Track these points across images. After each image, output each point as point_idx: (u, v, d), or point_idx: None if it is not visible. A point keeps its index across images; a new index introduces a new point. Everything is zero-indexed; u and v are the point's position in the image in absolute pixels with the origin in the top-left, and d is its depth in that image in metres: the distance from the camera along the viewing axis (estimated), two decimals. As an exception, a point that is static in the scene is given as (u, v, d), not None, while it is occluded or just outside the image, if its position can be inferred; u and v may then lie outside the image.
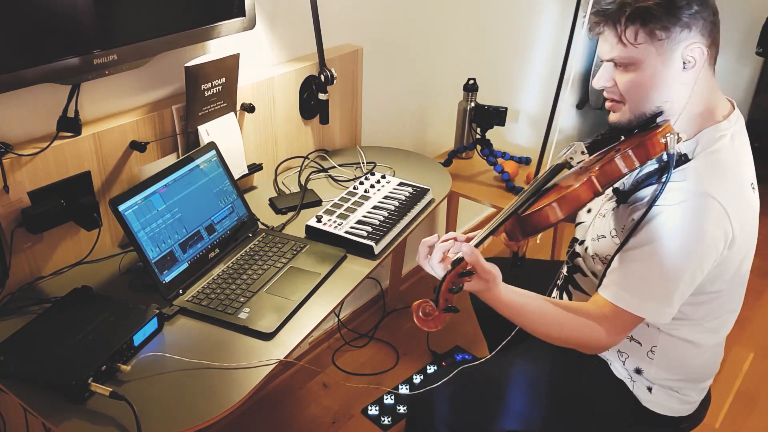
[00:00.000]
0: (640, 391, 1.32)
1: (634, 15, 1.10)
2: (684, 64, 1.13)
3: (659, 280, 1.13)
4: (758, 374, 2.27)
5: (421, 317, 1.13)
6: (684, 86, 1.15)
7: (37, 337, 1.16)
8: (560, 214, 1.14)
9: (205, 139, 1.52)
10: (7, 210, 1.25)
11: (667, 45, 1.12)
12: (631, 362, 1.31)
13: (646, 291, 1.14)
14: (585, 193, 1.14)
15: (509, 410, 1.37)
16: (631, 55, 1.13)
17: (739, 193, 1.14)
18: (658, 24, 1.10)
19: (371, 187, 1.69)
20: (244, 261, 1.42)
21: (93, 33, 1.25)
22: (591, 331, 1.18)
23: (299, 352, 2.26)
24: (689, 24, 1.10)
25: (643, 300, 1.14)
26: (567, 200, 1.14)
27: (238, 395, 1.09)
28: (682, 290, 1.15)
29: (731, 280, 1.21)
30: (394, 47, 2.15)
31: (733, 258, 1.17)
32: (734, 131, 1.18)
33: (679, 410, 1.34)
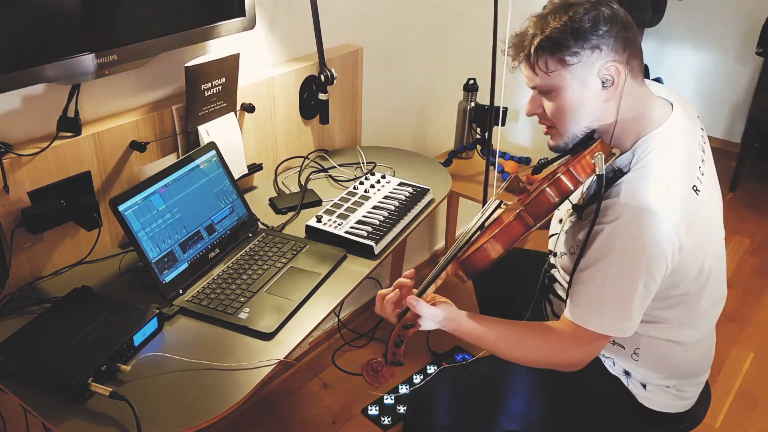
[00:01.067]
0: (635, 387, 1.32)
1: (541, 46, 1.13)
2: (603, 83, 1.14)
3: (613, 298, 1.14)
4: (758, 374, 2.27)
5: (371, 374, 1.19)
6: (608, 103, 1.16)
7: (37, 337, 1.16)
8: (500, 248, 1.16)
9: (205, 139, 1.52)
10: (7, 210, 1.25)
11: (580, 68, 1.13)
12: (619, 364, 1.32)
13: (603, 309, 1.15)
14: (517, 228, 1.15)
15: (508, 410, 1.37)
16: (548, 82, 1.16)
17: (678, 198, 1.13)
18: (567, 51, 1.12)
19: (371, 187, 1.69)
20: (244, 261, 1.42)
21: (93, 33, 1.25)
22: (560, 350, 1.20)
23: (299, 352, 2.26)
24: (599, 45, 1.11)
25: (602, 318, 1.15)
26: (501, 237, 1.16)
27: (238, 395, 1.09)
28: (638, 302, 1.15)
29: (695, 281, 1.20)
30: (394, 47, 2.15)
31: (688, 261, 1.16)
32: (666, 136, 1.17)
33: (676, 406, 1.34)
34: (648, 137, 1.17)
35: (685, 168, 1.17)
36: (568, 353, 1.19)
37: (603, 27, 1.11)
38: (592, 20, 1.11)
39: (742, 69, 3.63)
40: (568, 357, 1.20)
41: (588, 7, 1.12)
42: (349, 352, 2.32)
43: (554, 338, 1.20)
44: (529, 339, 1.21)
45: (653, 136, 1.17)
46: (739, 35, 3.51)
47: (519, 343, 1.22)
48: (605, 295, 1.14)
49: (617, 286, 1.13)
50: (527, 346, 1.21)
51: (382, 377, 1.20)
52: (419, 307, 1.17)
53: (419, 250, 2.73)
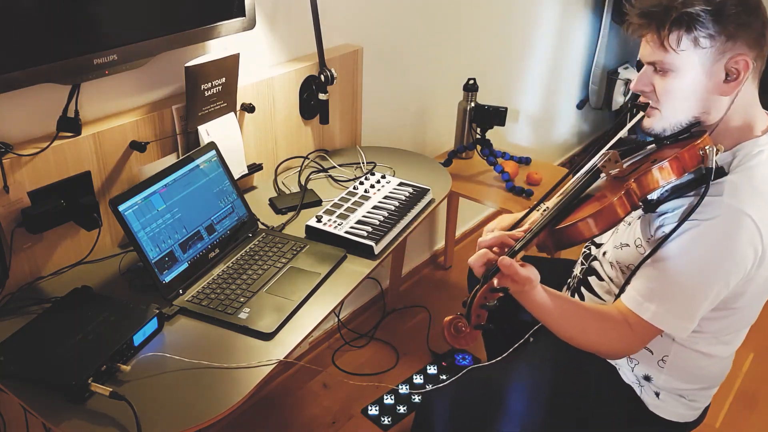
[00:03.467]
0: (648, 396, 1.31)
1: (679, 20, 1.06)
2: (727, 75, 1.09)
3: (685, 295, 1.11)
4: (758, 374, 2.27)
5: (453, 333, 1.10)
6: (724, 98, 1.11)
7: (37, 337, 1.16)
8: (596, 229, 1.11)
9: (205, 139, 1.52)
10: (7, 210, 1.25)
11: (711, 54, 1.08)
12: (641, 369, 1.30)
13: (671, 305, 1.12)
14: (622, 207, 1.10)
15: (511, 415, 1.36)
16: (672, 61, 1.10)
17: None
18: (703, 32, 1.06)
19: (371, 187, 1.69)
20: (244, 261, 1.42)
21: (93, 33, 1.25)
22: (612, 338, 1.17)
23: (299, 352, 2.26)
24: (736, 34, 1.06)
25: (667, 313, 1.12)
26: (603, 215, 1.10)
27: (238, 395, 1.09)
28: (705, 306, 1.13)
29: (752, 295, 1.19)
30: (394, 47, 2.15)
31: (760, 276, 1.14)
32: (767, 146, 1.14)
33: (685, 416, 1.33)
34: (754, 142, 1.13)
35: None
36: (619, 340, 1.16)
37: (745, 17, 1.05)
38: (737, 6, 1.05)
39: (742, 69, 3.63)
40: (618, 344, 1.17)
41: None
42: (349, 352, 2.32)
43: (609, 324, 1.16)
44: (587, 321, 1.18)
45: (759, 143, 1.13)
46: (739, 35, 3.51)
47: (580, 324, 1.18)
48: (678, 290, 1.11)
49: (694, 285, 1.10)
50: (585, 329, 1.18)
51: (464, 339, 1.10)
52: (515, 270, 1.08)
53: (419, 250, 2.73)
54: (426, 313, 2.52)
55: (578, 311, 1.19)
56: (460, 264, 2.83)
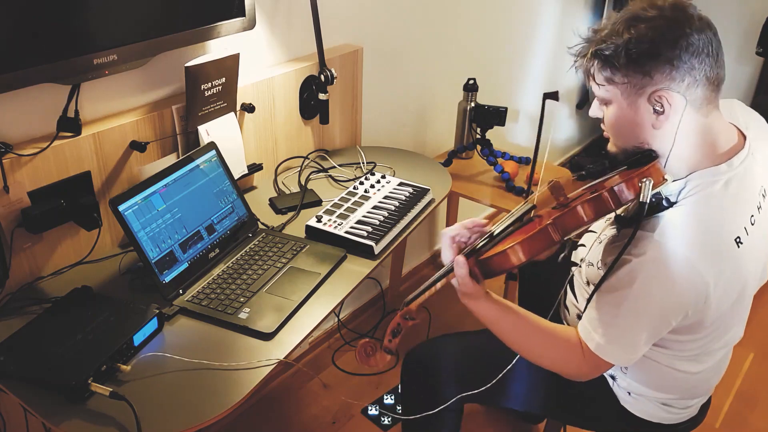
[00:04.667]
0: (620, 390, 1.32)
1: (594, 57, 1.09)
2: (654, 110, 1.08)
3: (622, 330, 1.11)
4: (758, 374, 2.27)
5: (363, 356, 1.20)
6: (660, 131, 1.09)
7: (37, 337, 1.16)
8: (519, 258, 1.10)
9: (205, 139, 1.52)
10: (7, 210, 1.25)
11: (629, 90, 1.08)
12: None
13: (611, 337, 1.11)
14: (542, 241, 1.09)
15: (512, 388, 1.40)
16: (602, 94, 1.13)
17: (717, 250, 1.06)
18: (616, 71, 1.07)
19: (371, 187, 1.69)
20: (244, 261, 1.42)
21: (93, 33, 1.25)
22: (565, 359, 1.18)
23: (299, 352, 2.26)
24: (650, 72, 1.04)
25: (608, 345, 1.11)
26: (525, 246, 1.10)
27: (238, 395, 1.09)
28: (646, 339, 1.12)
29: (714, 328, 1.17)
30: (394, 47, 2.15)
31: (710, 312, 1.11)
32: (732, 176, 1.09)
33: (661, 417, 1.32)
34: (710, 171, 1.09)
35: (731, 217, 1.08)
36: (571, 364, 1.17)
37: (665, 52, 1.03)
38: (653, 42, 1.03)
39: (742, 69, 3.63)
40: (571, 368, 1.18)
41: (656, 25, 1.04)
42: (349, 352, 2.32)
43: (562, 346, 1.18)
44: (539, 338, 1.19)
45: (714, 172, 1.09)
46: (739, 35, 3.51)
47: (528, 340, 1.20)
48: (617, 324, 1.11)
49: (629, 320, 1.10)
50: (535, 344, 1.20)
51: (373, 360, 1.21)
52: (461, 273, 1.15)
53: (419, 250, 2.73)
54: (426, 313, 2.52)
55: (532, 327, 1.20)
56: (460, 264, 2.83)
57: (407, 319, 1.20)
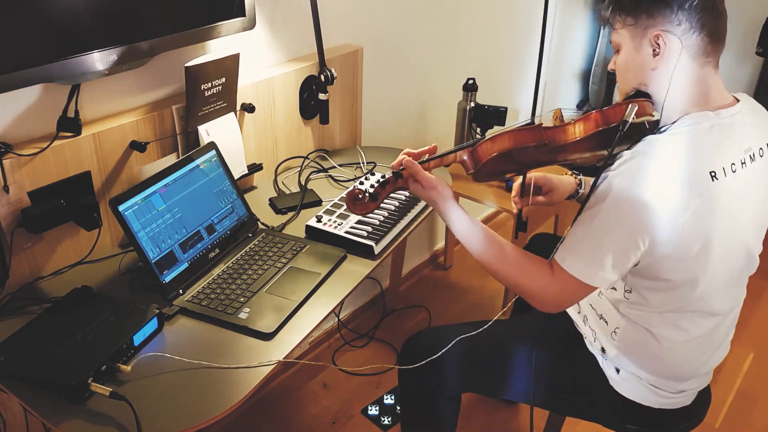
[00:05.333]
0: (610, 369, 1.34)
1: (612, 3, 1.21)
2: (653, 50, 1.17)
3: (589, 241, 1.16)
4: (758, 374, 2.27)
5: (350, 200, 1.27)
6: (656, 71, 1.18)
7: (37, 337, 1.16)
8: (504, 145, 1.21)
9: (205, 139, 1.52)
10: (7, 210, 1.25)
11: (635, 30, 1.18)
12: (599, 340, 1.35)
13: (578, 250, 1.18)
14: (529, 136, 1.21)
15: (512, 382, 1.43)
16: (616, 39, 1.23)
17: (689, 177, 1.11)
18: (625, 11, 1.18)
19: (371, 187, 1.69)
20: (244, 261, 1.42)
21: (93, 33, 1.25)
22: (533, 277, 1.23)
23: (299, 352, 2.25)
24: (653, 13, 1.15)
25: (575, 258, 1.17)
26: (511, 135, 1.21)
27: (238, 395, 1.09)
28: (613, 255, 1.14)
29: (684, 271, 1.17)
30: (394, 47, 2.15)
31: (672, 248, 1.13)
32: (718, 123, 1.16)
33: (651, 400, 1.32)
34: (693, 115, 1.17)
35: (709, 153, 1.14)
36: (540, 282, 1.22)
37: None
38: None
39: (742, 69, 3.63)
40: (539, 286, 1.22)
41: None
42: (349, 352, 2.32)
43: (532, 264, 1.24)
44: (511, 253, 1.25)
45: (698, 116, 1.16)
46: (739, 35, 3.51)
47: (500, 252, 1.26)
48: (585, 237, 1.17)
49: (597, 231, 1.15)
50: (507, 258, 1.25)
51: (358, 206, 1.27)
52: (414, 168, 1.25)
53: (419, 250, 2.73)
54: (426, 313, 2.52)
55: (503, 243, 1.26)
56: (460, 264, 2.83)
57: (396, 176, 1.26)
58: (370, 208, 1.28)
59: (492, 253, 1.26)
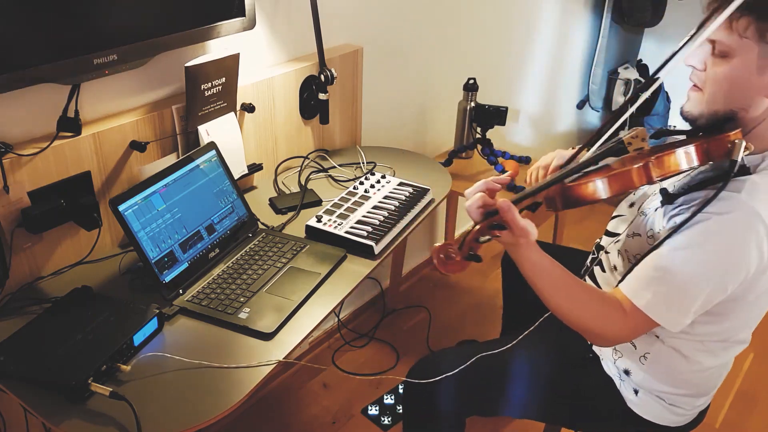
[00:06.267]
0: (627, 391, 1.32)
1: (752, 7, 1.03)
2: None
3: (684, 288, 1.10)
4: (758, 374, 2.27)
5: (442, 258, 1.10)
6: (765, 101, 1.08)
7: (37, 337, 1.16)
8: (605, 192, 1.10)
9: (205, 139, 1.52)
10: (7, 210, 1.25)
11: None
12: (623, 362, 1.31)
13: (666, 295, 1.11)
14: (637, 177, 1.08)
15: (510, 398, 1.39)
16: (732, 45, 1.06)
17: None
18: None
19: (371, 187, 1.69)
20: (244, 261, 1.42)
21: (92, 33, 1.25)
22: (606, 320, 1.15)
23: (299, 352, 2.26)
24: None
25: (660, 303, 1.11)
26: (617, 179, 1.09)
27: (238, 395, 1.09)
28: (702, 303, 1.11)
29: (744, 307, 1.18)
30: (394, 47, 2.15)
31: (757, 285, 1.12)
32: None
33: (667, 419, 1.32)
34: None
35: None
36: (612, 324, 1.15)
37: None
38: None
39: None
40: (611, 328, 1.15)
41: None
42: (349, 352, 2.32)
43: (605, 306, 1.15)
44: (583, 294, 1.16)
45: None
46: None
47: (572, 293, 1.16)
48: (676, 283, 1.09)
49: (692, 279, 1.09)
50: (579, 299, 1.16)
51: (452, 266, 1.11)
52: (512, 214, 1.09)
53: (419, 250, 2.73)
54: (426, 313, 2.52)
55: (575, 283, 1.17)
56: (460, 264, 2.83)
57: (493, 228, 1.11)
58: (464, 267, 1.11)
59: (564, 295, 1.17)
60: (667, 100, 3.79)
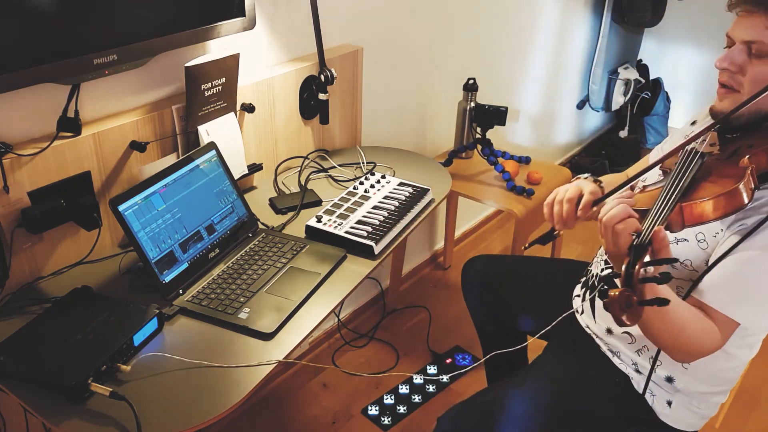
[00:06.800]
0: (660, 405, 1.30)
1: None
2: None
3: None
4: (758, 374, 2.27)
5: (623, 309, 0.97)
6: None
7: (37, 337, 1.16)
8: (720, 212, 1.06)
9: (205, 139, 1.52)
10: (7, 210, 1.25)
11: None
12: (664, 370, 1.28)
13: (758, 299, 1.08)
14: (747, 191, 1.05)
15: None
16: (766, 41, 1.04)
17: None
18: None
19: (371, 187, 1.69)
20: (244, 261, 1.42)
21: (93, 33, 1.25)
22: (703, 337, 1.11)
23: (299, 352, 2.26)
24: None
25: (754, 308, 1.09)
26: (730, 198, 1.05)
27: (238, 395, 1.09)
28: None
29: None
30: (394, 47, 2.15)
31: None
32: None
33: (693, 425, 1.33)
34: None
35: None
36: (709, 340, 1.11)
37: None
38: None
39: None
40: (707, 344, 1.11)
41: None
42: (349, 352, 2.32)
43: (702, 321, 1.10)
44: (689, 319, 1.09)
45: None
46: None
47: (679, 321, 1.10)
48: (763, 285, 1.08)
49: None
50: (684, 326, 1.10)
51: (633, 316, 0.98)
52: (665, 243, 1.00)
53: (419, 250, 2.73)
54: (426, 313, 2.52)
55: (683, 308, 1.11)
56: (459, 264, 2.82)
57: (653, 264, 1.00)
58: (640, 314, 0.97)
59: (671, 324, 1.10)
60: (667, 100, 3.79)
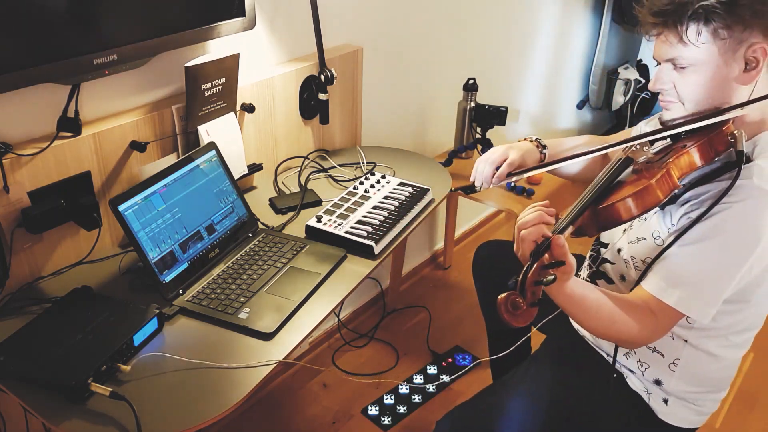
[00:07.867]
0: (656, 403, 1.31)
1: (696, 14, 1.08)
2: (746, 64, 1.10)
3: (713, 278, 1.11)
4: (758, 374, 2.27)
5: (511, 311, 1.03)
6: (743, 88, 1.13)
7: (37, 337, 1.16)
8: (635, 210, 1.12)
9: (205, 139, 1.52)
10: (7, 210, 1.25)
11: (729, 45, 1.09)
12: (651, 373, 1.29)
13: (697, 288, 1.12)
14: (661, 189, 1.11)
15: None
16: (692, 55, 1.11)
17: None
18: (720, 23, 1.07)
19: (371, 187, 1.69)
20: (244, 261, 1.42)
21: (93, 33, 1.25)
22: (636, 326, 1.15)
23: (299, 352, 2.26)
24: (751, 23, 1.07)
25: (692, 298, 1.12)
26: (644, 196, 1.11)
27: (238, 395, 1.09)
28: (729, 291, 1.12)
29: (763, 293, 1.19)
30: (394, 47, 2.15)
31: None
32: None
33: (693, 421, 1.33)
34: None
35: None
36: (642, 328, 1.15)
37: (758, 5, 1.07)
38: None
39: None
40: (642, 332, 1.15)
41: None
42: (349, 352, 2.32)
43: (634, 313, 1.14)
44: (615, 311, 1.14)
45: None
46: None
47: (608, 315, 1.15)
48: (704, 274, 1.11)
49: (720, 267, 1.10)
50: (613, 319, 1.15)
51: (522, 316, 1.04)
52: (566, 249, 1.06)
53: (419, 250, 2.73)
54: (426, 313, 2.52)
55: (605, 300, 1.16)
56: (459, 264, 2.83)
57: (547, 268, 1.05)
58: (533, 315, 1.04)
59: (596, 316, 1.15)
60: (667, 100, 3.78)
